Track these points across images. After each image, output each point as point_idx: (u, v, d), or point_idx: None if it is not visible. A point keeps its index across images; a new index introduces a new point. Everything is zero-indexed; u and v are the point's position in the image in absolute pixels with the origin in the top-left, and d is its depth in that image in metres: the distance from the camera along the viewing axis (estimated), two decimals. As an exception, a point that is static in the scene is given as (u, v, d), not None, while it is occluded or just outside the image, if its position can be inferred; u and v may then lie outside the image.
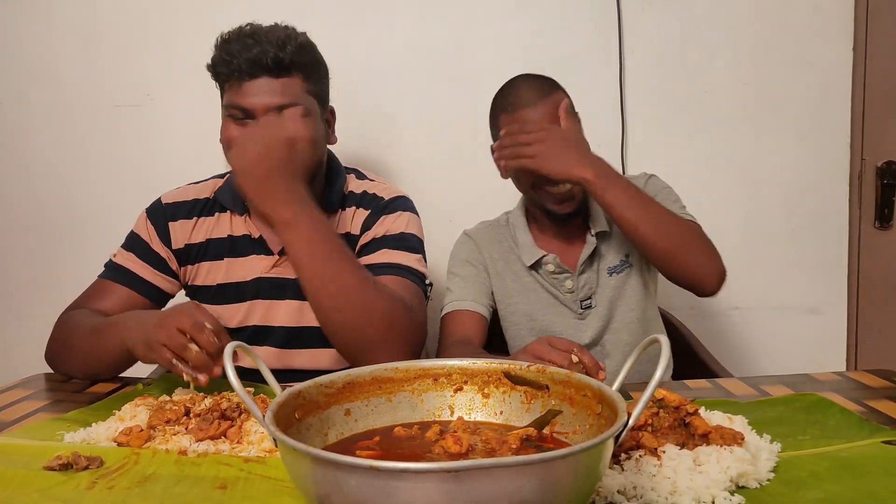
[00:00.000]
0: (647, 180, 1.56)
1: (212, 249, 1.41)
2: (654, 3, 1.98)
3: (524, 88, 1.47)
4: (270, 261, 1.39)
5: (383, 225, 1.39)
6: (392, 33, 1.97)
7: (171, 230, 1.41)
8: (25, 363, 1.51)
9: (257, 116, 1.26)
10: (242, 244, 1.40)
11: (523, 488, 0.58)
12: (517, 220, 1.60)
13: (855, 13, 1.98)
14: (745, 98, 2.00)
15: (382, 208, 1.41)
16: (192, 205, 1.43)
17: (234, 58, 1.26)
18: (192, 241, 1.41)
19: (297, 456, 0.62)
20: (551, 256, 1.53)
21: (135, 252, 1.40)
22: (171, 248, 1.41)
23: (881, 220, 2.08)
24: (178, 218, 1.42)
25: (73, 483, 0.84)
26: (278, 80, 1.27)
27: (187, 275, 1.43)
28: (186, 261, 1.42)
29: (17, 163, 2.04)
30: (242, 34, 1.28)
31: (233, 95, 1.28)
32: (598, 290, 1.54)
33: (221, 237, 1.41)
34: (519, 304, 1.57)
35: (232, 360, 0.73)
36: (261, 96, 1.26)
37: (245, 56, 1.25)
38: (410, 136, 1.99)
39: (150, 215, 1.43)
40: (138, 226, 1.43)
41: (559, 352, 1.07)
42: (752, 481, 0.81)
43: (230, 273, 1.41)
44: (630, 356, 0.77)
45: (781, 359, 2.04)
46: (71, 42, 1.99)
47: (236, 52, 1.26)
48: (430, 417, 0.87)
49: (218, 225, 1.42)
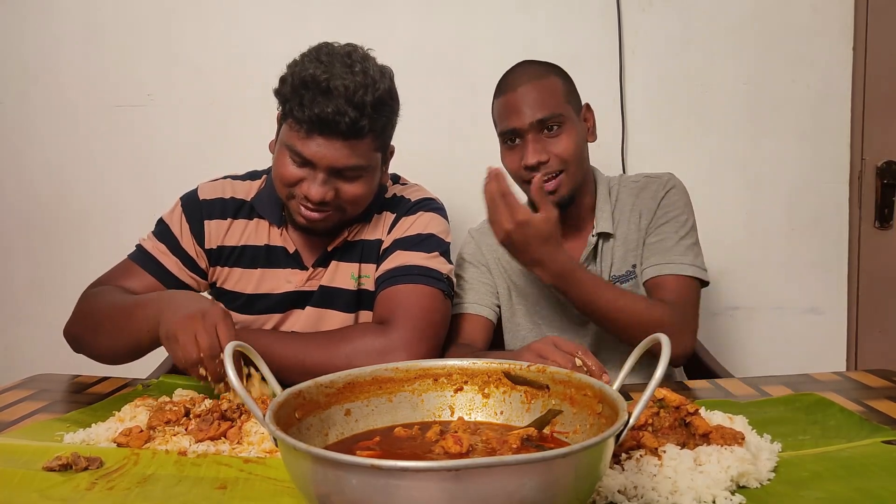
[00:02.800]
0: (664, 195, 1.49)
1: (247, 256, 1.39)
2: (654, 3, 1.98)
3: (518, 72, 1.44)
4: (305, 275, 1.38)
5: (402, 227, 1.38)
6: (392, 33, 1.97)
7: (207, 228, 1.38)
8: (26, 363, 1.51)
9: (317, 171, 1.23)
10: (278, 256, 1.39)
11: (523, 487, 0.57)
12: None
13: (855, 13, 1.98)
14: (745, 98, 2.00)
15: (406, 211, 1.40)
16: (229, 204, 1.40)
17: (306, 109, 1.19)
18: (225, 243, 1.39)
19: (297, 455, 0.62)
20: None
21: (165, 244, 1.37)
22: (203, 246, 1.38)
23: (881, 220, 2.08)
24: (213, 217, 1.39)
25: (72, 483, 0.84)
26: (348, 143, 1.22)
27: (216, 275, 1.41)
28: (217, 262, 1.40)
29: (18, 163, 2.04)
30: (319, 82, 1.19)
31: (296, 139, 1.22)
32: None
33: (258, 245, 1.39)
34: (519, 304, 1.56)
35: (232, 360, 0.73)
36: (327, 156, 1.22)
37: (318, 112, 1.18)
38: (410, 136, 1.98)
39: (186, 209, 1.39)
40: (172, 217, 1.40)
41: (563, 354, 1.06)
42: (753, 481, 0.81)
43: (262, 284, 1.39)
44: (630, 356, 0.77)
45: (781, 359, 2.04)
46: (71, 42, 1.99)
47: (309, 103, 1.19)
48: (431, 417, 0.87)
49: (257, 232, 1.39)
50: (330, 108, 1.18)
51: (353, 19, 1.96)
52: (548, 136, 1.40)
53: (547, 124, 1.39)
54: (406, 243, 1.36)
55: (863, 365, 2.08)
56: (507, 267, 1.56)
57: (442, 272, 1.35)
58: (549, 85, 1.41)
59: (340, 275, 1.39)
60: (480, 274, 1.56)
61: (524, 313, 1.55)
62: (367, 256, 1.39)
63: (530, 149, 1.39)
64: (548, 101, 1.39)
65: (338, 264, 1.39)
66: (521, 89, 1.40)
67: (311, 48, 1.27)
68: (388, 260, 1.35)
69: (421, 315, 1.27)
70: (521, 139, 1.41)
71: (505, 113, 1.43)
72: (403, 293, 1.29)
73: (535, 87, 1.40)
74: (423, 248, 1.35)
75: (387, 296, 1.31)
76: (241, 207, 1.40)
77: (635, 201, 1.51)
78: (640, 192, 1.51)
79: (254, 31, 1.93)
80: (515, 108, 1.40)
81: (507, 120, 1.42)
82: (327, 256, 1.38)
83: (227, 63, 1.94)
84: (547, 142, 1.40)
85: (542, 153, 1.39)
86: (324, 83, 1.19)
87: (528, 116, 1.38)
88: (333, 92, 1.18)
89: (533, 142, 1.39)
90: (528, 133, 1.39)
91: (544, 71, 1.44)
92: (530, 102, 1.39)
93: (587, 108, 1.49)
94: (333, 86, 1.18)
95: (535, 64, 1.46)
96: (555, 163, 1.40)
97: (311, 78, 1.19)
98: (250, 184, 1.44)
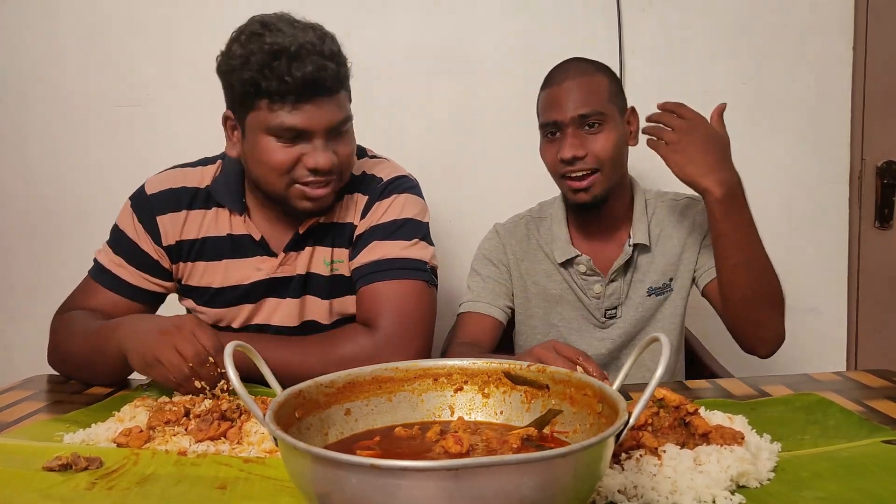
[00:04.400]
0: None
1: (209, 248, 1.33)
2: (654, 3, 1.98)
3: (565, 67, 1.44)
4: (275, 261, 1.33)
5: (377, 212, 1.32)
6: (392, 33, 1.97)
7: (161, 225, 1.32)
8: (26, 363, 1.51)
9: (315, 138, 1.19)
10: (244, 245, 1.33)
11: (523, 487, 0.57)
12: (556, 213, 1.55)
13: (855, 12, 1.98)
14: (745, 98, 2.00)
15: (379, 193, 1.33)
16: (181, 194, 1.33)
17: (288, 77, 1.13)
18: (184, 236, 1.33)
19: (297, 455, 0.62)
20: (584, 257, 1.49)
21: (122, 255, 1.32)
22: (161, 245, 1.32)
23: (881, 220, 2.08)
24: (166, 211, 1.32)
25: (72, 483, 0.84)
26: (334, 98, 1.19)
27: (180, 272, 1.35)
28: (179, 258, 1.34)
29: (18, 162, 2.04)
30: (287, 48, 1.14)
31: (284, 115, 1.16)
32: (626, 303, 1.49)
33: (220, 235, 1.33)
34: (538, 306, 1.53)
35: (232, 360, 0.73)
36: (323, 118, 1.18)
37: (302, 76, 1.14)
38: (410, 136, 1.99)
39: (136, 209, 1.33)
40: (123, 220, 1.34)
41: (563, 359, 1.05)
42: (753, 481, 0.81)
43: (229, 275, 1.33)
44: (630, 356, 0.77)
45: (781, 359, 2.04)
46: (71, 42, 1.99)
47: (287, 70, 1.14)
48: (431, 417, 0.87)
49: (217, 222, 1.33)
50: (311, 68, 1.14)
51: (353, 19, 1.96)
52: (588, 132, 1.40)
53: (588, 121, 1.39)
54: (383, 231, 1.30)
55: (863, 365, 2.08)
56: (531, 268, 1.54)
57: (424, 260, 1.30)
58: (595, 82, 1.41)
59: (316, 259, 1.34)
60: (498, 273, 1.53)
61: (541, 316, 1.53)
62: (340, 241, 1.34)
63: (568, 142, 1.39)
64: (591, 97, 1.39)
65: (313, 249, 1.33)
66: (567, 84, 1.40)
67: (238, 28, 1.20)
68: (366, 252, 1.29)
69: (407, 312, 1.24)
70: (560, 132, 1.41)
71: (548, 105, 1.43)
72: (386, 290, 1.26)
73: (581, 83, 1.40)
74: (402, 236, 1.30)
75: (369, 294, 1.27)
76: (195, 196, 1.33)
77: (680, 219, 1.50)
78: (685, 211, 1.51)
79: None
80: (558, 102, 1.40)
81: (549, 112, 1.42)
82: (299, 240, 1.32)
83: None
84: (586, 138, 1.40)
85: (580, 148, 1.39)
86: (292, 47, 1.14)
87: (569, 110, 1.39)
88: (303, 52, 1.14)
89: (572, 136, 1.39)
90: (567, 127, 1.39)
91: (592, 68, 1.44)
92: (574, 97, 1.39)
93: (632, 111, 1.48)
94: (301, 46, 1.14)
95: (583, 61, 1.46)
96: (591, 160, 1.40)
97: (277, 46, 1.14)
98: (202, 170, 1.36)
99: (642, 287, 1.49)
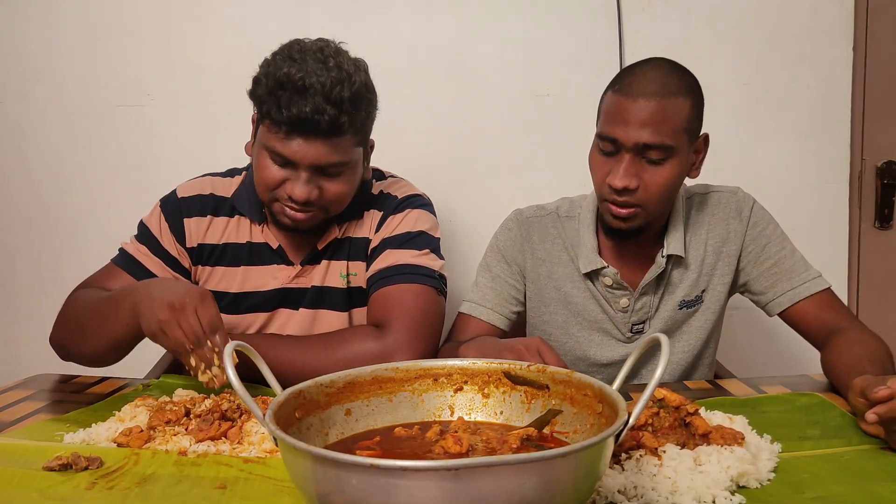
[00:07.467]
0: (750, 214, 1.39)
1: (229, 254, 1.37)
2: (654, 3, 1.98)
3: (648, 77, 1.23)
4: (291, 271, 1.37)
5: (390, 225, 1.37)
6: (392, 33, 1.97)
7: (186, 227, 1.36)
8: (27, 363, 1.51)
9: (300, 169, 1.22)
10: (262, 253, 1.37)
11: (523, 486, 0.57)
12: (585, 216, 1.40)
13: (855, 13, 1.98)
14: (745, 98, 2.00)
15: (394, 209, 1.39)
16: (208, 200, 1.38)
17: (284, 109, 1.17)
18: (206, 241, 1.37)
19: (297, 455, 0.62)
20: (611, 270, 1.35)
21: (147, 245, 1.36)
22: (184, 245, 1.36)
23: (881, 220, 2.08)
24: (192, 214, 1.37)
25: (72, 483, 0.84)
26: (328, 141, 1.20)
27: (198, 275, 1.39)
28: (199, 260, 1.38)
29: (19, 162, 2.04)
30: (294, 81, 1.16)
31: (276, 140, 1.20)
32: (654, 317, 1.38)
33: (240, 243, 1.37)
34: (556, 312, 1.43)
35: (232, 360, 0.73)
36: (308, 155, 1.20)
37: (297, 112, 1.16)
38: (410, 136, 1.99)
39: (165, 210, 1.38)
40: (151, 219, 1.38)
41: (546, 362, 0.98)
42: (753, 481, 0.82)
43: (247, 282, 1.37)
44: (630, 355, 0.77)
45: (781, 359, 2.04)
46: (71, 42, 1.99)
47: (286, 103, 1.17)
48: (431, 417, 0.87)
49: (238, 230, 1.38)
50: (308, 108, 1.16)
51: (354, 19, 1.96)
52: (647, 163, 1.23)
53: (651, 152, 1.22)
54: (395, 241, 1.35)
55: (863, 365, 2.08)
56: (553, 272, 1.42)
57: (433, 269, 1.33)
58: (674, 106, 1.22)
59: (331, 273, 1.38)
60: (510, 273, 1.43)
61: (559, 324, 1.43)
62: (355, 254, 1.38)
63: (623, 170, 1.23)
64: (663, 126, 1.21)
65: (328, 263, 1.38)
66: (642, 101, 1.21)
67: (282, 46, 1.25)
68: (379, 259, 1.34)
69: (416, 315, 1.26)
70: (617, 153, 1.25)
71: (612, 116, 1.24)
72: (397, 293, 1.28)
73: (658, 105, 1.21)
74: (414, 246, 1.34)
75: (380, 297, 1.30)
76: (221, 205, 1.38)
77: (710, 220, 1.39)
78: (713, 210, 1.40)
79: (254, 31, 1.93)
80: (624, 119, 1.22)
81: (612, 125, 1.24)
82: (318, 255, 1.37)
83: (227, 63, 1.94)
84: (644, 168, 1.24)
85: (633, 179, 1.23)
86: (299, 82, 1.16)
87: (633, 135, 1.21)
88: (310, 90, 1.16)
89: (629, 163, 1.23)
90: (627, 152, 1.23)
91: (676, 87, 1.23)
92: (644, 119, 1.20)
93: (705, 140, 1.31)
94: (309, 84, 1.16)
95: (668, 74, 1.24)
96: (641, 194, 1.24)
97: (285, 77, 1.17)
98: (230, 181, 1.42)
99: (673, 300, 1.38)
